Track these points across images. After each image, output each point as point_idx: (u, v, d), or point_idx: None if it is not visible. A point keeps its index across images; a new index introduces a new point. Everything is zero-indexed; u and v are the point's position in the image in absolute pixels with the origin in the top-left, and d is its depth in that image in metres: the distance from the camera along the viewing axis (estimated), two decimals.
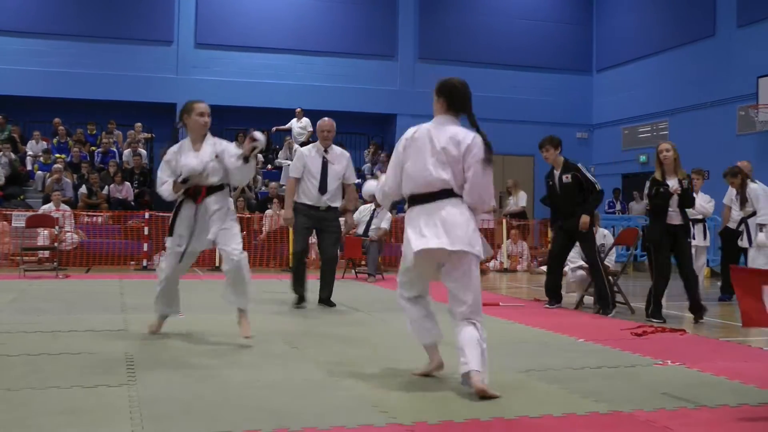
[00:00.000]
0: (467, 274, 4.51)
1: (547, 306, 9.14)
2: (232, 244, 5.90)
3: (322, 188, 8.45)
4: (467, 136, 4.58)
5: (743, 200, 10.40)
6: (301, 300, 8.56)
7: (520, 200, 18.26)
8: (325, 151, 8.61)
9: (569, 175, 8.74)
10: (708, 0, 19.61)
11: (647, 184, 8.28)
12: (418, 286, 4.79)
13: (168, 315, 6.41)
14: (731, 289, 10.47)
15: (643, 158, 21.52)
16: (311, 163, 8.51)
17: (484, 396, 4.26)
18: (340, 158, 8.68)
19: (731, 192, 10.81)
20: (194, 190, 5.97)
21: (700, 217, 10.80)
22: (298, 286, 8.57)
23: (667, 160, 8.13)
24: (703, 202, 10.81)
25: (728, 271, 10.32)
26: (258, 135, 5.76)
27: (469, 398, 4.28)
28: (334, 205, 8.57)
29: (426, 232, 4.51)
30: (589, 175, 8.74)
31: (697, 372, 5.14)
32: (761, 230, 10.09)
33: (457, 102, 4.69)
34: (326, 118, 8.77)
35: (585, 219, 8.55)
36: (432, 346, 4.86)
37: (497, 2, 23.46)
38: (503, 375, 4.89)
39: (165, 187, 6.05)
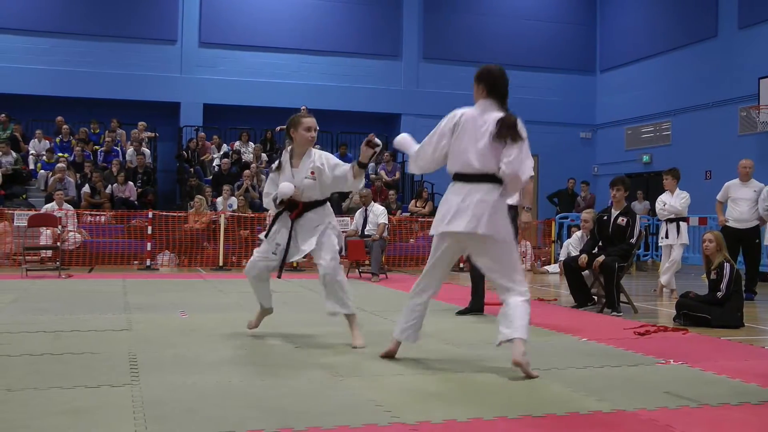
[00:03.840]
0: (503, 254, 4.96)
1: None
2: (324, 254, 5.86)
3: None
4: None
5: None
6: (470, 310, 8.24)
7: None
8: None
9: (625, 219, 8.82)
10: (710, 1, 19.62)
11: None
12: (436, 272, 5.18)
13: (268, 308, 6.58)
14: (753, 288, 10.55)
15: (646, 158, 21.53)
16: None
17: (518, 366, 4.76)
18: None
19: (725, 190, 10.87)
20: (291, 204, 5.98)
21: (673, 216, 10.82)
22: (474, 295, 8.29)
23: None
24: (674, 202, 10.79)
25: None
26: (377, 140, 5.71)
27: (473, 397, 4.29)
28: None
29: (456, 215, 4.90)
30: (638, 228, 8.85)
31: (698, 371, 5.15)
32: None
33: (497, 87, 5.00)
34: None
35: (600, 260, 8.62)
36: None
37: (501, 2, 23.46)
38: (507, 374, 4.90)
39: (267, 200, 6.28)
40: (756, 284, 10.88)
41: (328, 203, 6.12)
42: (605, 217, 9.04)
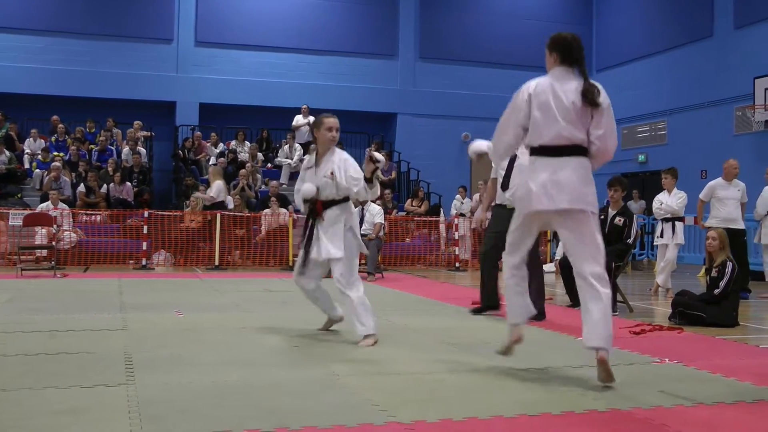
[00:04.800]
0: (587, 233, 4.66)
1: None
2: (336, 272, 6.08)
3: (504, 184, 7.89)
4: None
5: None
6: (485, 309, 8.09)
7: (211, 190, 15.74)
8: None
9: (622, 219, 8.84)
10: (706, 1, 19.66)
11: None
12: (523, 249, 4.93)
13: (333, 317, 6.65)
14: (746, 286, 10.61)
15: (641, 158, 21.57)
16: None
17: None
18: None
19: (710, 190, 10.91)
20: (312, 204, 6.24)
21: (669, 215, 10.85)
22: (481, 292, 8.20)
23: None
24: (671, 201, 10.82)
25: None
26: (378, 156, 6.12)
27: (468, 397, 4.29)
28: None
29: (547, 191, 4.64)
30: (635, 228, 8.89)
31: (693, 370, 5.16)
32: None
33: (572, 54, 4.81)
34: None
35: None
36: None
37: (497, 2, 23.50)
38: (502, 373, 4.91)
39: (298, 199, 6.46)
40: (748, 282, 10.93)
41: (350, 202, 6.31)
42: (602, 217, 9.04)
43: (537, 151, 4.75)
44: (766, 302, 10.46)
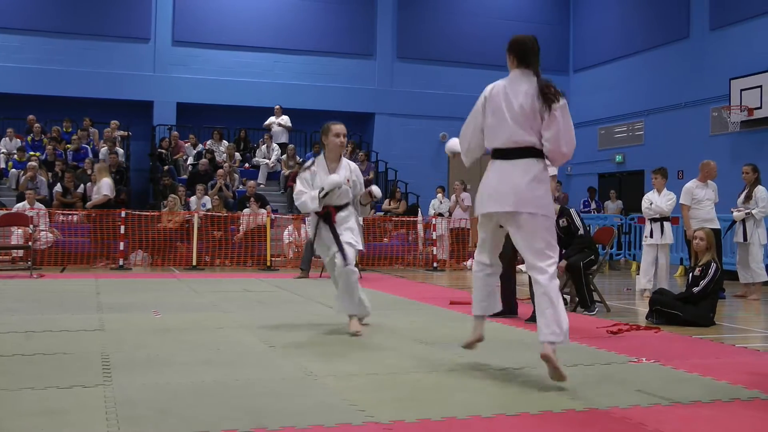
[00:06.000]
0: (534, 233, 4.69)
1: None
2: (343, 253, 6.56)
3: None
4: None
5: (748, 197, 11.05)
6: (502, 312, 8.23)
7: (102, 188, 15.84)
8: None
9: (564, 219, 8.95)
10: (682, 3, 19.80)
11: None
12: (487, 247, 5.06)
13: (356, 315, 6.85)
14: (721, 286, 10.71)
15: (618, 158, 21.68)
16: None
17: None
18: None
19: (690, 193, 10.94)
20: (326, 211, 6.63)
21: (657, 216, 10.91)
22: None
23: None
24: (660, 202, 10.90)
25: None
26: (376, 191, 6.90)
27: (447, 396, 4.30)
28: None
29: (495, 194, 4.76)
30: (577, 222, 9.00)
31: (670, 369, 5.19)
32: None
33: (527, 56, 4.93)
34: None
35: (563, 264, 8.61)
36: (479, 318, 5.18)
37: (475, 2, 23.53)
38: (480, 373, 4.92)
39: (304, 198, 6.63)
40: (722, 282, 11.01)
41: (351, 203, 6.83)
42: None
43: (493, 154, 4.88)
44: (742, 302, 10.56)
